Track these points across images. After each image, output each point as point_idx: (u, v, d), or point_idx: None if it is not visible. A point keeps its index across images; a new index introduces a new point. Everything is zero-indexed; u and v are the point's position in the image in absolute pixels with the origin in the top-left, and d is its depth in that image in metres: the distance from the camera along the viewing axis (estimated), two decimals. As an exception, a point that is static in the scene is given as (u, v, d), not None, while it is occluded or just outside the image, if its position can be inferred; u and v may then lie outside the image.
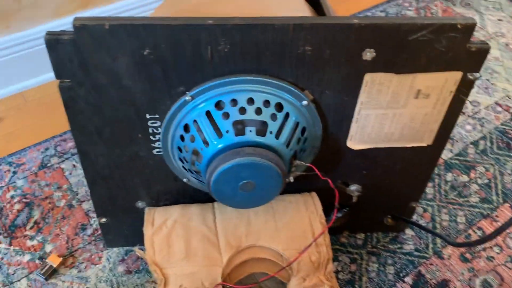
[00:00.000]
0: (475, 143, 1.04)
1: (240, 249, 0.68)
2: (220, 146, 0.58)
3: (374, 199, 0.79)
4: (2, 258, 0.83)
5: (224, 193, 0.60)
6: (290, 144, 0.60)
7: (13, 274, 0.81)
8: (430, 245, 0.87)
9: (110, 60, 0.55)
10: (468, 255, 0.86)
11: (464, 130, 1.07)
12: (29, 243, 0.85)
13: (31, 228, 0.87)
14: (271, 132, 0.58)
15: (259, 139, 0.58)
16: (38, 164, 0.97)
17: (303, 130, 0.62)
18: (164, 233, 0.69)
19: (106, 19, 0.52)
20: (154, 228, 0.70)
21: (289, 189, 0.74)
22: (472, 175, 0.98)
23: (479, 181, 0.97)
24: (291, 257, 0.67)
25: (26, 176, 0.95)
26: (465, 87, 0.63)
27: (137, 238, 0.81)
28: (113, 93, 0.59)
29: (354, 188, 0.75)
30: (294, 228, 0.70)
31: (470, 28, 0.56)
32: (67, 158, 0.98)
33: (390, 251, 0.86)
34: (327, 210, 0.75)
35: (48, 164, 0.97)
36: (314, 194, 0.75)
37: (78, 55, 0.54)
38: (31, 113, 1.07)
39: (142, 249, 0.81)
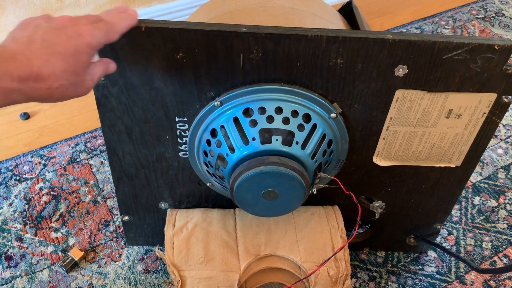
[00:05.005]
0: (506, 168, 1.01)
1: (259, 257, 0.68)
2: (245, 152, 0.58)
3: (397, 217, 0.78)
4: (27, 248, 0.85)
5: (246, 200, 0.60)
6: (315, 155, 0.60)
7: (36, 264, 0.83)
8: (453, 269, 0.85)
9: (144, 62, 0.56)
10: (492, 283, 0.83)
11: (496, 153, 1.04)
12: (53, 235, 0.87)
13: (56, 220, 0.89)
14: (297, 142, 0.58)
15: (285, 148, 0.58)
16: (68, 158, 1.00)
17: (330, 143, 0.62)
18: (184, 236, 0.69)
19: (143, 21, 0.54)
20: (175, 229, 0.70)
21: (312, 201, 0.74)
22: (501, 200, 0.95)
23: (508, 207, 0.94)
24: (309, 269, 0.66)
25: (56, 170, 0.97)
26: (499, 110, 0.61)
27: (158, 239, 0.82)
28: (145, 93, 0.60)
29: (377, 204, 0.74)
30: (314, 240, 0.69)
31: (507, 49, 0.55)
32: (95, 155, 1.00)
33: (411, 271, 0.84)
34: (349, 225, 0.74)
35: (77, 160, 0.99)
36: (336, 207, 0.74)
37: (113, 54, 0.56)
38: (65, 109, 1.10)
39: (161, 250, 0.81)
